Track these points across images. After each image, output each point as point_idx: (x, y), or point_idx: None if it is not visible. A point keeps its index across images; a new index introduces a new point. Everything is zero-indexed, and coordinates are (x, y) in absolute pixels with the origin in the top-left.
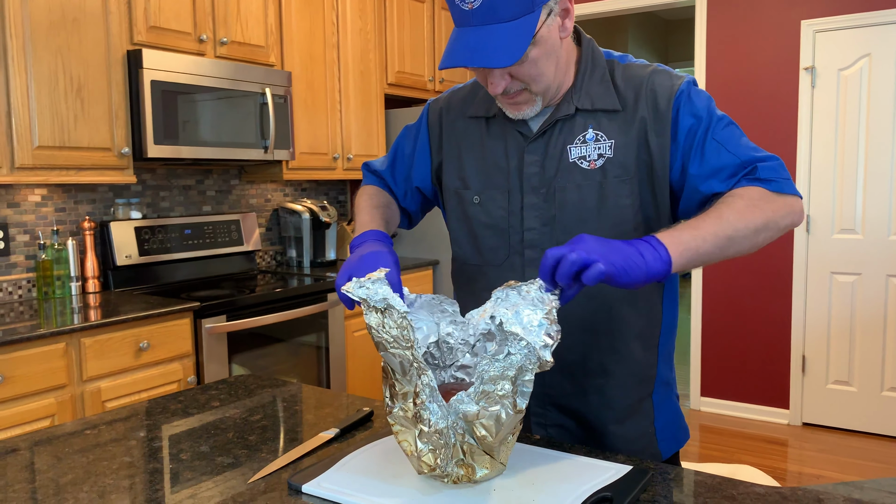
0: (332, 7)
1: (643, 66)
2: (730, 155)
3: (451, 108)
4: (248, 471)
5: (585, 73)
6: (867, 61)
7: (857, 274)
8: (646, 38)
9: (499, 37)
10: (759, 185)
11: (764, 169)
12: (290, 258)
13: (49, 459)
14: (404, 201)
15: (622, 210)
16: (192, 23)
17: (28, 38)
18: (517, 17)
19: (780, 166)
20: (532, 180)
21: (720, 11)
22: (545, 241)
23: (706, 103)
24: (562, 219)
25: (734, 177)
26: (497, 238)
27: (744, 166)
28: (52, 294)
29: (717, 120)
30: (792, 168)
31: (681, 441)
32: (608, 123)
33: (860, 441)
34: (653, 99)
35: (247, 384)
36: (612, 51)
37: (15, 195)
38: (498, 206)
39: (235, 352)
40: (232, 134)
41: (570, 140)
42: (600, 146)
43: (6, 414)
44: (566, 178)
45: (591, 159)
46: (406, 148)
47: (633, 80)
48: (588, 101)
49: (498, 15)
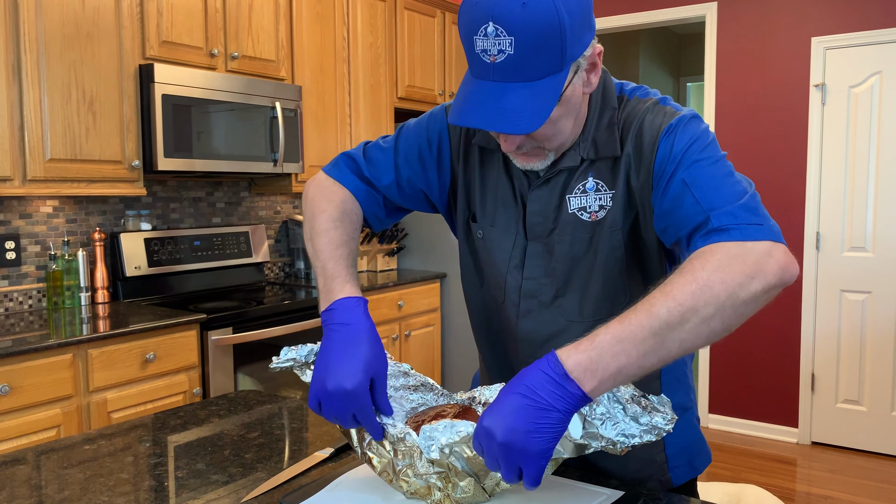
0: (343, 22)
1: (644, 101)
2: (692, 200)
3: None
4: (241, 489)
5: (594, 117)
6: (878, 79)
7: (868, 292)
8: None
9: (522, 98)
10: (714, 241)
11: (719, 216)
12: (299, 270)
13: (47, 474)
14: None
15: (614, 262)
16: (204, 37)
17: (42, 52)
18: (544, 76)
19: (744, 207)
20: (536, 229)
21: (731, 28)
22: (544, 292)
23: (694, 136)
24: (561, 271)
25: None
26: (496, 279)
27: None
28: (61, 304)
29: (697, 159)
30: (802, 185)
31: (698, 467)
32: (607, 171)
33: (870, 461)
34: (639, 138)
35: (247, 400)
36: (625, 82)
37: (27, 206)
38: (502, 247)
39: (241, 363)
40: (242, 147)
41: (570, 190)
42: (601, 197)
43: (12, 424)
44: (566, 229)
45: (592, 210)
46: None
47: (630, 117)
48: (593, 150)
49: (523, 73)
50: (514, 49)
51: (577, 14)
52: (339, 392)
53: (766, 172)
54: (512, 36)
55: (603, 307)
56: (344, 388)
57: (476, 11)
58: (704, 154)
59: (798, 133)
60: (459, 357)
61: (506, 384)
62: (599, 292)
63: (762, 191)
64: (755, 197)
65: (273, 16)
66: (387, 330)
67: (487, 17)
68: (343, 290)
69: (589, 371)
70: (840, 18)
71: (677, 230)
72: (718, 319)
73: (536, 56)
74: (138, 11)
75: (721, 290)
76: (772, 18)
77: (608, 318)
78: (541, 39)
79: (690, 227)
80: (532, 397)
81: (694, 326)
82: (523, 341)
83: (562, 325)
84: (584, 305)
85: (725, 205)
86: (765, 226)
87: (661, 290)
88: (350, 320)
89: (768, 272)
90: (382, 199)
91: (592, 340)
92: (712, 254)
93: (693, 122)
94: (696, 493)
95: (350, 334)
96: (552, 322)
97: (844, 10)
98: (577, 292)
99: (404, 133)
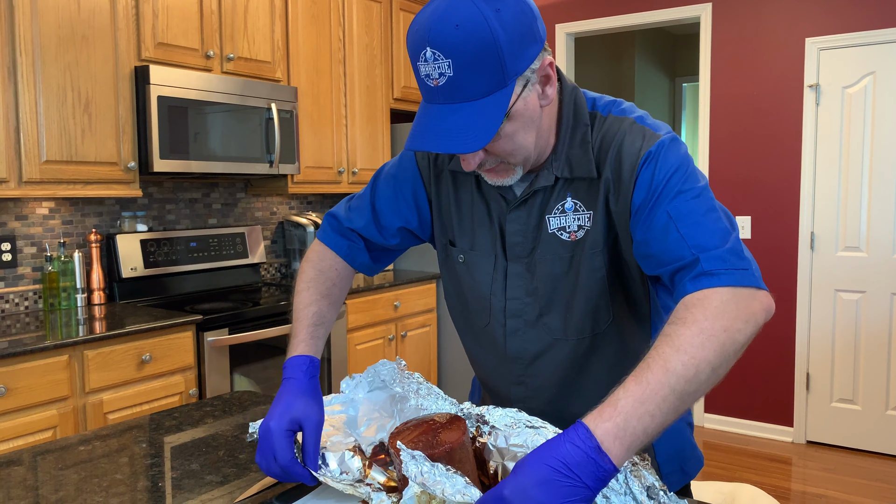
0: (339, 23)
1: (620, 120)
2: (677, 236)
3: (438, 155)
4: (235, 489)
5: (566, 134)
6: (871, 79)
7: (862, 292)
8: (653, 54)
9: (466, 117)
10: (708, 286)
11: (711, 260)
12: (295, 271)
13: (42, 475)
14: (392, 245)
15: (596, 282)
16: (200, 39)
17: (37, 54)
18: (487, 93)
19: (732, 252)
20: (515, 249)
21: (725, 29)
22: (528, 311)
23: (675, 165)
24: (543, 290)
25: (674, 263)
26: (480, 302)
27: (691, 253)
28: (57, 306)
29: (680, 190)
30: (796, 185)
31: (690, 473)
32: (585, 192)
33: (864, 460)
34: (618, 161)
35: (241, 400)
36: (598, 96)
37: (23, 208)
38: (483, 270)
39: (238, 364)
40: (238, 148)
41: (549, 210)
42: (579, 217)
43: (8, 425)
44: (546, 249)
45: (572, 230)
46: (390, 193)
47: (606, 138)
48: (567, 168)
49: (465, 93)
50: (452, 71)
51: (514, 29)
52: (265, 432)
53: (760, 173)
54: (449, 58)
55: (586, 325)
56: (269, 427)
57: (416, 38)
58: (686, 185)
59: (792, 133)
60: (455, 357)
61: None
62: (583, 311)
63: (757, 191)
64: (738, 238)
65: (268, 17)
66: (382, 330)
67: (425, 43)
68: (297, 348)
69: (618, 440)
70: (834, 19)
71: (660, 264)
72: (725, 366)
73: (475, 75)
74: (133, 13)
75: (725, 338)
76: (766, 19)
77: (591, 336)
78: (477, 59)
79: (676, 265)
80: (565, 473)
81: (706, 377)
82: (513, 360)
83: (548, 343)
84: (569, 323)
85: (713, 247)
86: (749, 270)
87: (671, 344)
88: (295, 375)
89: (758, 315)
90: (364, 245)
91: (615, 406)
92: (709, 301)
93: (672, 146)
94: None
95: (291, 387)
96: (538, 340)
97: (838, 10)
98: (561, 311)
99: (380, 175)
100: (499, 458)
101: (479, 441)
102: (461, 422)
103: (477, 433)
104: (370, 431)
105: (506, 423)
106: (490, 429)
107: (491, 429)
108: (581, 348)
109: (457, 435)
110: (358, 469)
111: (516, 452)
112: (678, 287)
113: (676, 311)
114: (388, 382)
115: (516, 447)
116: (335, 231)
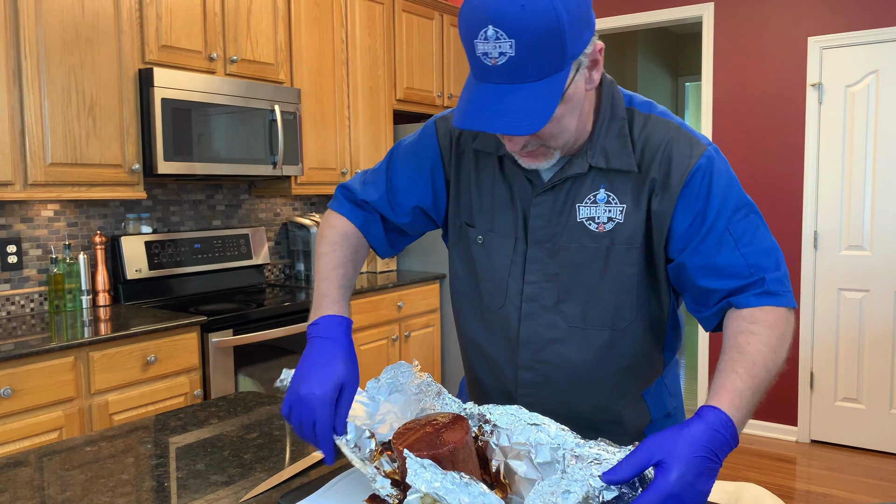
0: (342, 24)
1: (665, 123)
2: (738, 255)
3: (463, 135)
4: (240, 489)
5: (603, 124)
6: (874, 78)
7: (866, 290)
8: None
9: (524, 99)
10: (770, 304)
11: (773, 281)
12: (299, 272)
13: (49, 476)
14: (403, 223)
15: (626, 278)
16: (203, 42)
17: (42, 57)
18: (545, 76)
19: (786, 275)
20: (537, 233)
21: (728, 28)
22: (545, 296)
23: (725, 185)
24: (564, 277)
25: (737, 279)
26: (496, 284)
27: (751, 273)
28: (63, 307)
29: (735, 208)
30: (799, 184)
31: None
32: (621, 184)
33: (869, 459)
34: (667, 165)
35: (246, 401)
36: (633, 94)
37: (28, 210)
38: (501, 252)
39: (242, 365)
40: (241, 150)
41: (580, 198)
42: (611, 209)
43: (15, 427)
44: (572, 237)
45: (601, 222)
46: (407, 169)
47: (652, 139)
48: (603, 158)
49: (525, 74)
50: (514, 51)
51: (576, 11)
52: (309, 397)
53: (763, 172)
54: (512, 38)
55: (607, 318)
56: (314, 393)
57: (475, 15)
58: (742, 201)
59: (795, 132)
60: (459, 358)
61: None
62: (606, 304)
63: (760, 191)
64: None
65: (271, 19)
66: (386, 331)
67: (486, 21)
68: (331, 308)
69: (741, 424)
70: (836, 18)
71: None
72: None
73: (537, 56)
74: (137, 16)
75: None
76: (768, 18)
77: (610, 330)
78: (541, 40)
79: (739, 282)
80: (714, 459)
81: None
82: (524, 344)
83: (564, 331)
84: (589, 314)
85: (773, 269)
86: (791, 293)
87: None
88: (331, 335)
89: (794, 331)
90: (380, 218)
91: (741, 396)
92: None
93: (718, 159)
94: None
95: (329, 347)
96: (553, 326)
97: (841, 9)
98: (581, 300)
99: (398, 150)
100: (501, 457)
101: (482, 440)
102: (464, 421)
103: (479, 432)
104: (384, 428)
105: (507, 421)
106: (492, 427)
107: (493, 427)
108: (598, 341)
109: (460, 434)
110: (370, 451)
111: (519, 451)
112: (741, 299)
113: (751, 315)
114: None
115: (519, 445)
116: (349, 201)
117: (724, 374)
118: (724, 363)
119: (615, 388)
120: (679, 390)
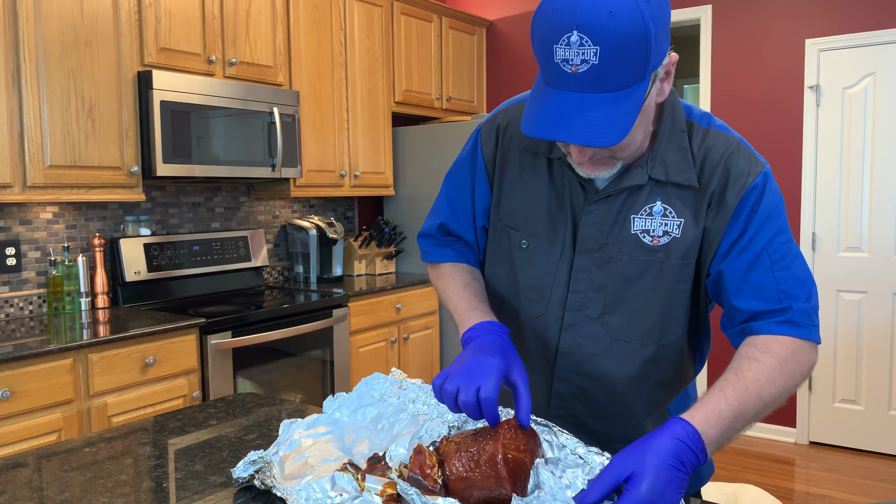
0: (340, 27)
1: (725, 137)
2: (771, 277)
3: (508, 134)
4: (239, 490)
5: (664, 136)
6: (872, 80)
7: (864, 292)
8: None
9: (604, 110)
10: (790, 334)
11: (799, 313)
12: (298, 274)
13: (48, 477)
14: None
15: (678, 294)
16: (202, 44)
17: (41, 60)
18: (626, 86)
19: (815, 310)
20: (587, 242)
21: (725, 30)
22: (590, 307)
23: (774, 206)
24: (612, 289)
25: (765, 301)
26: (538, 291)
27: (780, 298)
28: (62, 310)
29: (778, 231)
30: (797, 186)
31: (704, 477)
32: (678, 199)
33: (867, 460)
34: (724, 180)
35: (245, 402)
36: (692, 106)
37: (27, 212)
38: (546, 259)
39: (241, 367)
40: (240, 152)
41: (636, 210)
42: (667, 223)
43: (14, 429)
44: (623, 248)
45: (656, 235)
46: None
47: (712, 153)
48: (662, 171)
49: (607, 83)
50: (598, 59)
51: (661, 21)
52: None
53: None
54: (598, 46)
55: (653, 333)
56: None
57: (558, 19)
58: (784, 226)
59: (793, 134)
60: None
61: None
62: (655, 319)
63: None
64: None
65: (270, 22)
66: (385, 333)
67: (571, 26)
68: (481, 316)
69: (714, 445)
70: (834, 20)
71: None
72: (787, 399)
73: (621, 66)
74: (136, 19)
75: (796, 381)
76: (766, 21)
77: (656, 345)
78: (627, 49)
79: (766, 305)
80: (681, 469)
81: (775, 406)
82: (563, 355)
83: (607, 343)
84: (635, 327)
85: (803, 299)
86: (818, 327)
87: (764, 373)
88: (500, 333)
89: (811, 368)
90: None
91: (720, 416)
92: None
93: (771, 180)
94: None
95: (492, 340)
96: (596, 339)
97: (838, 11)
98: (628, 313)
99: (451, 170)
100: None
101: None
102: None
103: None
104: (363, 446)
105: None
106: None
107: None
108: (641, 356)
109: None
110: (353, 487)
111: None
112: (762, 324)
113: (765, 343)
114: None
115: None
116: (433, 247)
117: (712, 392)
118: (717, 382)
119: (651, 403)
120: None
